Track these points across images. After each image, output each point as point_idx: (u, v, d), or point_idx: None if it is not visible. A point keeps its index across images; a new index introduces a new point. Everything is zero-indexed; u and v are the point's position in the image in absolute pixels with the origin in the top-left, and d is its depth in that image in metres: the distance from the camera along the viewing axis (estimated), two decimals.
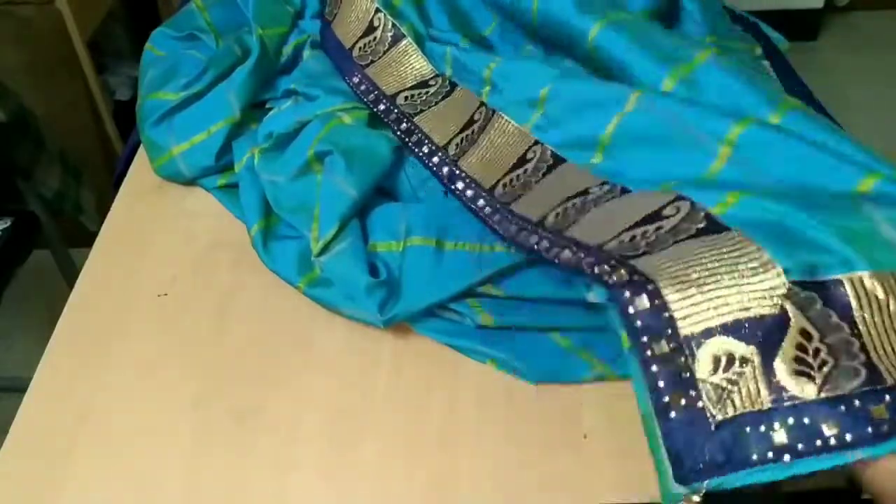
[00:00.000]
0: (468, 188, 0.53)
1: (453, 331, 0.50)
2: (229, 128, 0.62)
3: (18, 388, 0.50)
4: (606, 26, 0.53)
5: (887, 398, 0.32)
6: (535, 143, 0.53)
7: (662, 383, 0.34)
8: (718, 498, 0.33)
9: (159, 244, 0.59)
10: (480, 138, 0.55)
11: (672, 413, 0.34)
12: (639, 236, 0.41)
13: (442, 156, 0.56)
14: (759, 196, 0.39)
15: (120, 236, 0.60)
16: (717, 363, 0.34)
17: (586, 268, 0.40)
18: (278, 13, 0.71)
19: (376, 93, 0.62)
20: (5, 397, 0.75)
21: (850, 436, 0.32)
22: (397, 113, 0.60)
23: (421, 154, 0.57)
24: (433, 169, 0.56)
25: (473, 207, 0.52)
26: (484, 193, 0.52)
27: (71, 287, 0.56)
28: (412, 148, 0.57)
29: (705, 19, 0.67)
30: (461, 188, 0.53)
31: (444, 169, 0.55)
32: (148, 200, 0.63)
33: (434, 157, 0.56)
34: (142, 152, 0.66)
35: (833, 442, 0.32)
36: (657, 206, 0.42)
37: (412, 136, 0.58)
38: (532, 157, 0.52)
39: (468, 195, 0.53)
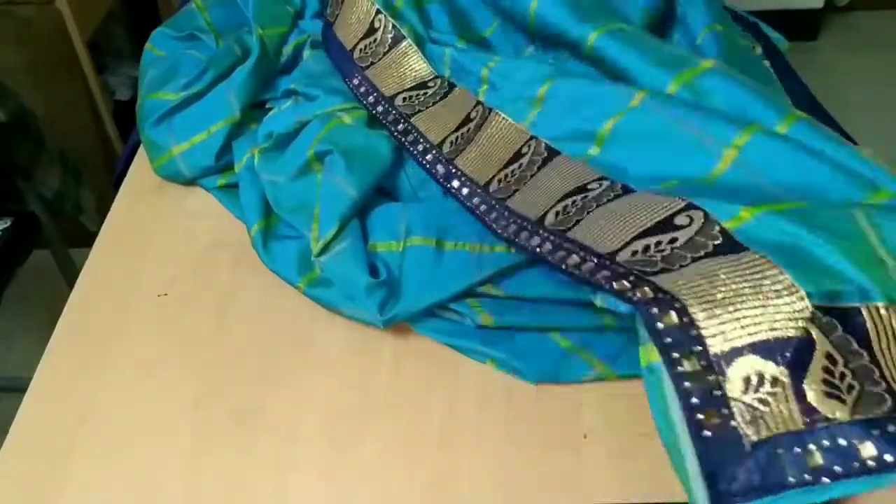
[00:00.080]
0: (464, 186, 0.53)
1: (453, 331, 0.50)
2: (229, 128, 0.62)
3: (18, 388, 0.50)
4: (605, 34, 0.53)
5: None
6: (531, 138, 0.52)
7: (696, 400, 0.33)
8: None
9: (159, 244, 0.59)
10: (477, 136, 0.55)
11: (705, 431, 0.33)
12: (652, 247, 0.40)
13: (436, 153, 0.56)
14: (773, 215, 0.38)
15: (120, 236, 0.60)
16: (748, 383, 0.33)
17: (603, 282, 0.39)
18: (278, 13, 0.71)
19: (375, 94, 0.61)
20: (5, 397, 0.75)
21: (889, 457, 0.31)
22: (395, 114, 0.60)
23: (416, 152, 0.56)
24: (427, 167, 0.55)
25: (469, 205, 0.51)
26: (479, 190, 0.52)
27: (71, 287, 0.56)
28: (408, 147, 0.57)
29: (709, 10, 0.66)
30: (457, 186, 0.53)
31: (439, 167, 0.55)
32: (148, 200, 0.63)
33: (428, 155, 0.56)
34: (142, 152, 0.66)
35: (871, 464, 0.31)
36: (668, 213, 0.41)
37: (408, 135, 0.58)
38: (527, 151, 0.52)
39: (464, 193, 0.52)
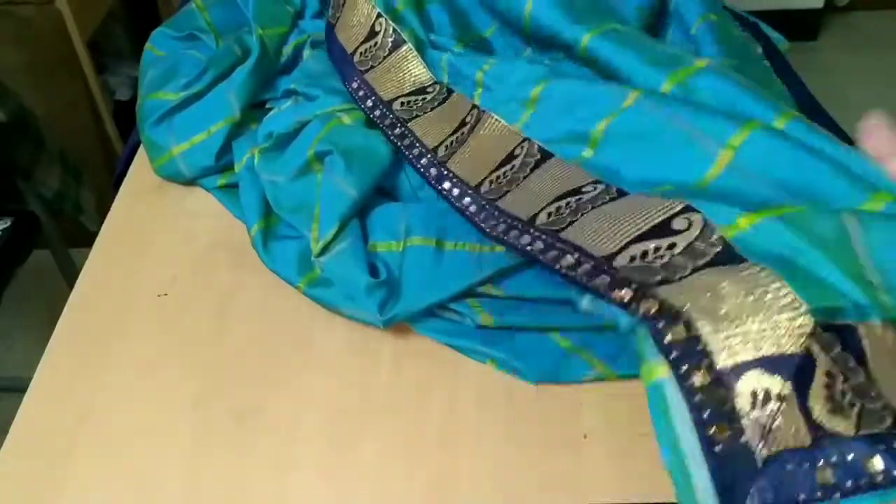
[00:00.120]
0: (455, 187, 0.52)
1: (453, 331, 0.50)
2: (229, 128, 0.62)
3: (18, 388, 0.50)
4: (598, 35, 0.53)
5: None
6: (524, 140, 0.52)
7: (707, 414, 0.33)
8: None
9: (159, 244, 0.59)
10: (469, 139, 0.55)
11: (718, 447, 0.32)
12: (651, 253, 0.39)
13: (431, 157, 0.55)
14: (772, 224, 0.38)
15: (120, 236, 0.60)
16: (755, 398, 0.33)
17: (602, 290, 0.38)
18: (278, 13, 0.71)
19: (374, 98, 0.61)
20: (5, 397, 0.75)
21: None
22: (392, 118, 0.59)
23: (412, 157, 0.56)
24: (421, 171, 0.55)
25: (459, 206, 0.51)
26: (470, 191, 0.51)
27: (71, 287, 0.55)
28: (404, 151, 0.57)
29: (702, 0, 0.66)
30: (448, 187, 0.53)
31: (432, 170, 0.54)
32: (148, 200, 0.63)
33: (423, 160, 0.56)
34: (142, 152, 0.66)
35: (880, 479, 0.31)
36: (665, 216, 0.40)
37: (405, 139, 0.58)
38: (520, 153, 0.51)
39: (455, 194, 0.52)
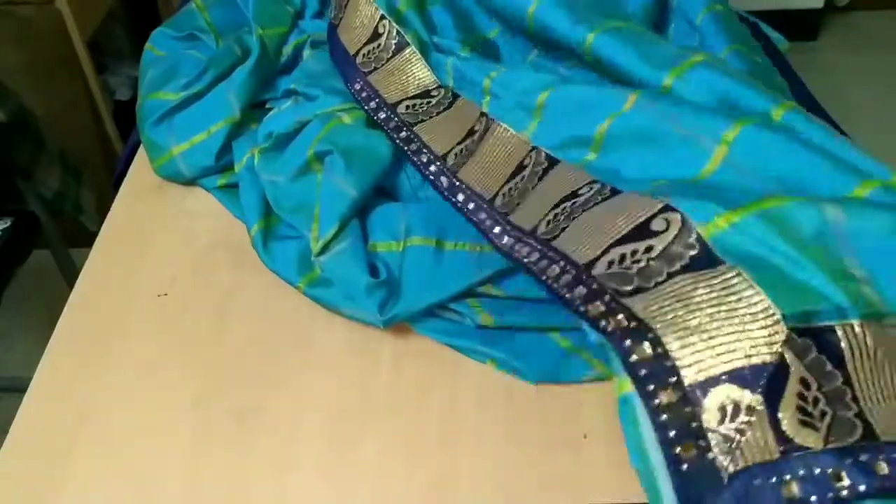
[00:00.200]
0: (469, 201, 0.52)
1: (453, 331, 0.50)
2: (229, 128, 0.62)
3: (18, 388, 0.50)
4: (602, 33, 0.53)
5: (882, 456, 0.31)
6: (532, 149, 0.52)
7: (673, 433, 0.33)
8: None
9: (159, 244, 0.59)
10: (479, 148, 0.55)
11: (684, 465, 0.32)
12: (628, 258, 0.39)
13: (440, 165, 0.55)
14: (751, 221, 0.38)
15: (120, 236, 0.60)
16: (724, 412, 0.32)
17: (578, 302, 0.38)
18: (278, 13, 0.71)
19: (377, 100, 0.61)
20: (5, 397, 0.75)
21: (862, 486, 0.31)
22: (397, 121, 0.59)
23: (419, 163, 0.56)
24: (431, 178, 0.55)
25: (475, 220, 0.51)
26: (485, 206, 0.51)
27: (71, 287, 0.55)
28: (411, 157, 0.57)
29: None
30: (462, 200, 0.52)
31: (443, 179, 0.54)
32: (148, 200, 0.63)
33: (431, 167, 0.55)
34: (142, 152, 0.66)
35: (846, 493, 0.31)
36: (645, 217, 0.40)
37: (411, 144, 0.57)
38: (528, 162, 0.51)
39: (470, 208, 0.52)
